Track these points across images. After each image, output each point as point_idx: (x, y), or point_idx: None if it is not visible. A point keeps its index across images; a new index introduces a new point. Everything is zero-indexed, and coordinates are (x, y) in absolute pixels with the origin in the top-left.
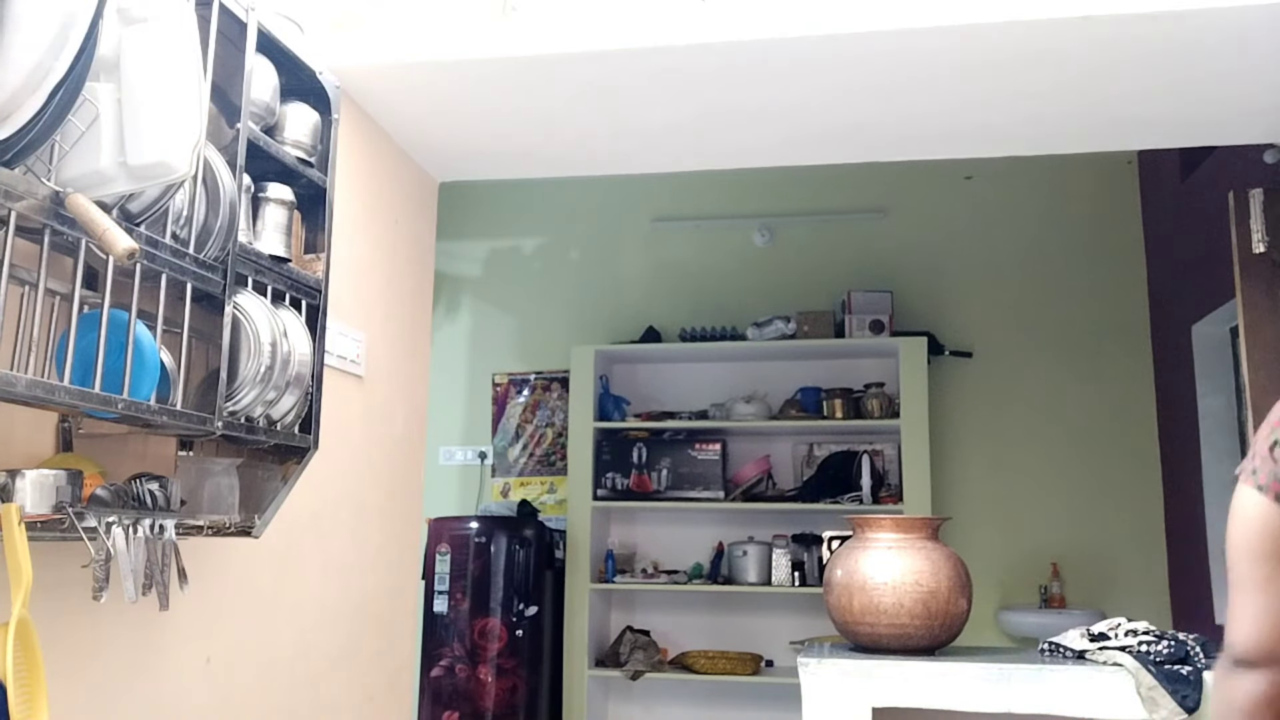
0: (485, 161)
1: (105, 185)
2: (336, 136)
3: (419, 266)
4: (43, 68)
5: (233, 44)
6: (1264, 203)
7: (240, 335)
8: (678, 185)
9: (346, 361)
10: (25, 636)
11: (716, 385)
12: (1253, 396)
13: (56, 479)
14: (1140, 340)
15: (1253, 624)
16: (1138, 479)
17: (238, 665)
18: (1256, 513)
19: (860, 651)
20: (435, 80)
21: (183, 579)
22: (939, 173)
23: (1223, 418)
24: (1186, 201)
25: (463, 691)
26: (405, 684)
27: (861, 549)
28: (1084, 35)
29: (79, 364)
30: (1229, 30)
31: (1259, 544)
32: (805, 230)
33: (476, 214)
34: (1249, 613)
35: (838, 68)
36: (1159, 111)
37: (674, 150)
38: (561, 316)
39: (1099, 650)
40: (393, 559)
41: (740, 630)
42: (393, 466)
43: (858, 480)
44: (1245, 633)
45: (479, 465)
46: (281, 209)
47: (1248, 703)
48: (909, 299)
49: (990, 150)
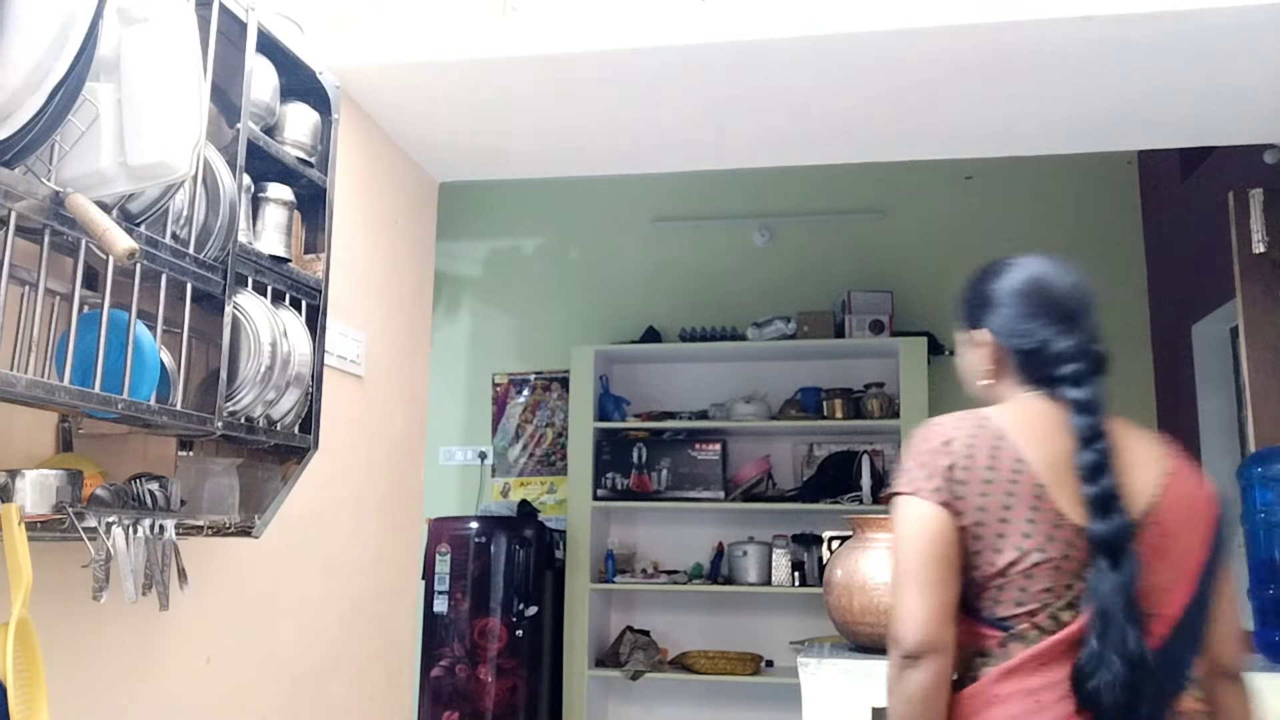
0: (485, 161)
1: (105, 185)
2: (336, 136)
3: (419, 266)
4: (43, 68)
5: (233, 44)
6: (1264, 203)
7: (240, 335)
8: (678, 185)
9: (346, 361)
10: (25, 636)
11: (716, 385)
12: (1253, 396)
13: (56, 479)
14: (1140, 340)
15: (922, 620)
16: None
17: (238, 665)
18: (933, 523)
19: (860, 651)
20: (435, 80)
21: (183, 579)
22: (939, 173)
23: (1223, 418)
24: (1186, 201)
25: (463, 691)
26: (405, 684)
27: (861, 549)
28: (1084, 35)
29: (79, 364)
30: (1229, 30)
31: (932, 549)
32: (805, 230)
33: (476, 214)
34: (919, 610)
35: (838, 68)
36: (1159, 111)
37: (674, 150)
38: (561, 316)
39: None
40: (393, 559)
41: (740, 630)
42: (393, 466)
43: (858, 480)
44: (915, 628)
45: (479, 465)
46: (281, 209)
47: (919, 691)
48: (909, 299)
49: (990, 150)
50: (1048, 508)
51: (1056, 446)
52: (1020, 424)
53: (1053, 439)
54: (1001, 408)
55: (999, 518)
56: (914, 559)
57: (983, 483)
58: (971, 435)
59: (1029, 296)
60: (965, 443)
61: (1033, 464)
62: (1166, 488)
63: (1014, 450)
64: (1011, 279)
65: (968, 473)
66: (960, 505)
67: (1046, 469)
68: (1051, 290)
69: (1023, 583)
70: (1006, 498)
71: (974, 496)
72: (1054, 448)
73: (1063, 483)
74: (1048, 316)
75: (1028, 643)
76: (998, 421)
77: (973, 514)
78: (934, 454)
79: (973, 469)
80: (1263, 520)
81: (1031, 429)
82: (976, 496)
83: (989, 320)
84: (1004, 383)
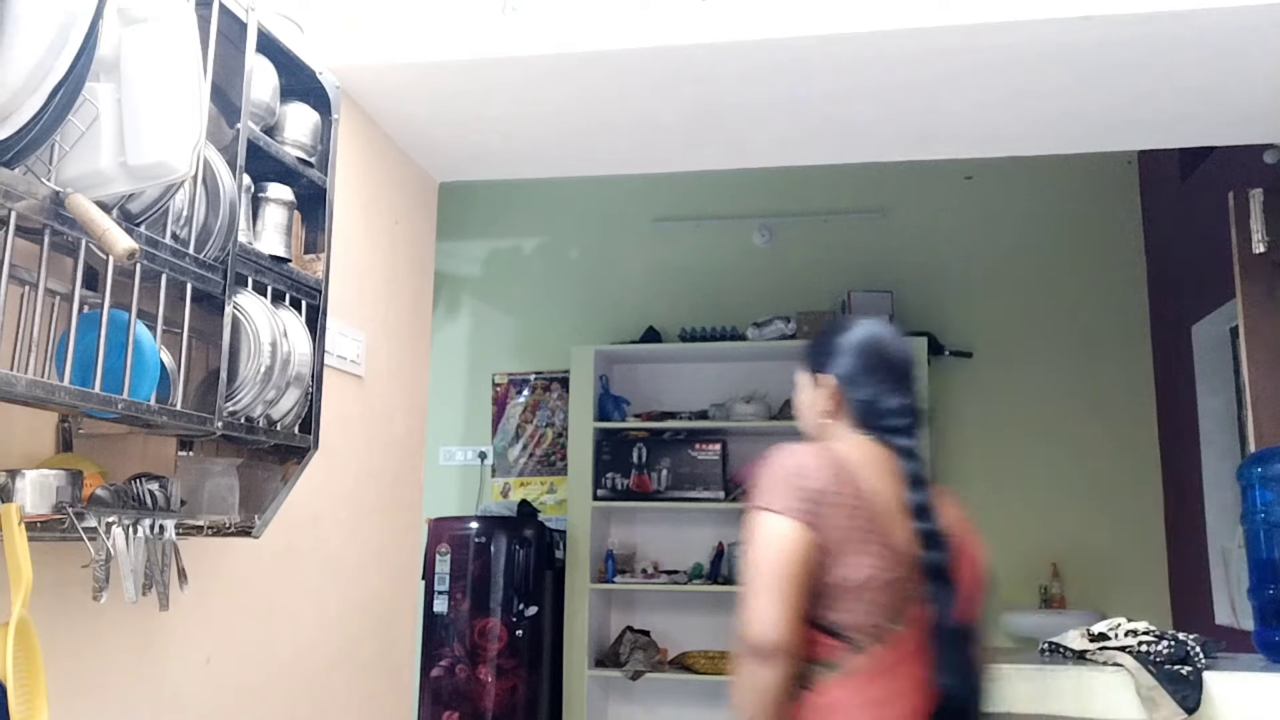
0: (485, 161)
1: (105, 185)
2: (336, 136)
3: (419, 266)
4: (43, 68)
5: (233, 44)
6: (1264, 203)
7: (240, 335)
8: (678, 185)
9: (346, 361)
10: (25, 636)
11: (716, 385)
12: (1253, 396)
13: (56, 479)
14: (1140, 340)
15: (776, 624)
16: (1138, 479)
17: (238, 665)
18: (791, 540)
19: None
20: (435, 80)
21: (183, 579)
22: (939, 173)
23: (1223, 418)
24: (1186, 201)
25: (463, 691)
26: (405, 684)
27: None
28: (1084, 35)
29: (79, 364)
30: (1229, 30)
31: (788, 562)
32: (805, 230)
33: (476, 214)
34: (774, 615)
35: (837, 68)
36: (1159, 111)
37: (674, 150)
38: (561, 316)
39: (1099, 650)
40: (393, 559)
41: None
42: (393, 466)
43: None
44: (769, 631)
45: (479, 465)
46: (281, 209)
47: (767, 688)
48: (909, 299)
49: (990, 150)
50: (882, 534)
51: (887, 483)
52: (860, 461)
53: (883, 476)
54: (843, 444)
55: (847, 538)
56: (773, 569)
57: (835, 507)
58: (826, 465)
59: (869, 354)
60: (821, 470)
61: (872, 495)
62: (959, 526)
63: (859, 481)
64: (856, 336)
65: (823, 495)
66: (818, 524)
67: (882, 501)
68: (887, 352)
69: (863, 596)
70: (853, 521)
71: (829, 518)
72: (885, 484)
73: (893, 514)
74: (883, 374)
75: (862, 653)
76: (844, 456)
77: (827, 533)
78: (800, 480)
79: (827, 493)
80: (1263, 520)
81: (870, 466)
82: (830, 518)
83: (833, 368)
84: (839, 423)
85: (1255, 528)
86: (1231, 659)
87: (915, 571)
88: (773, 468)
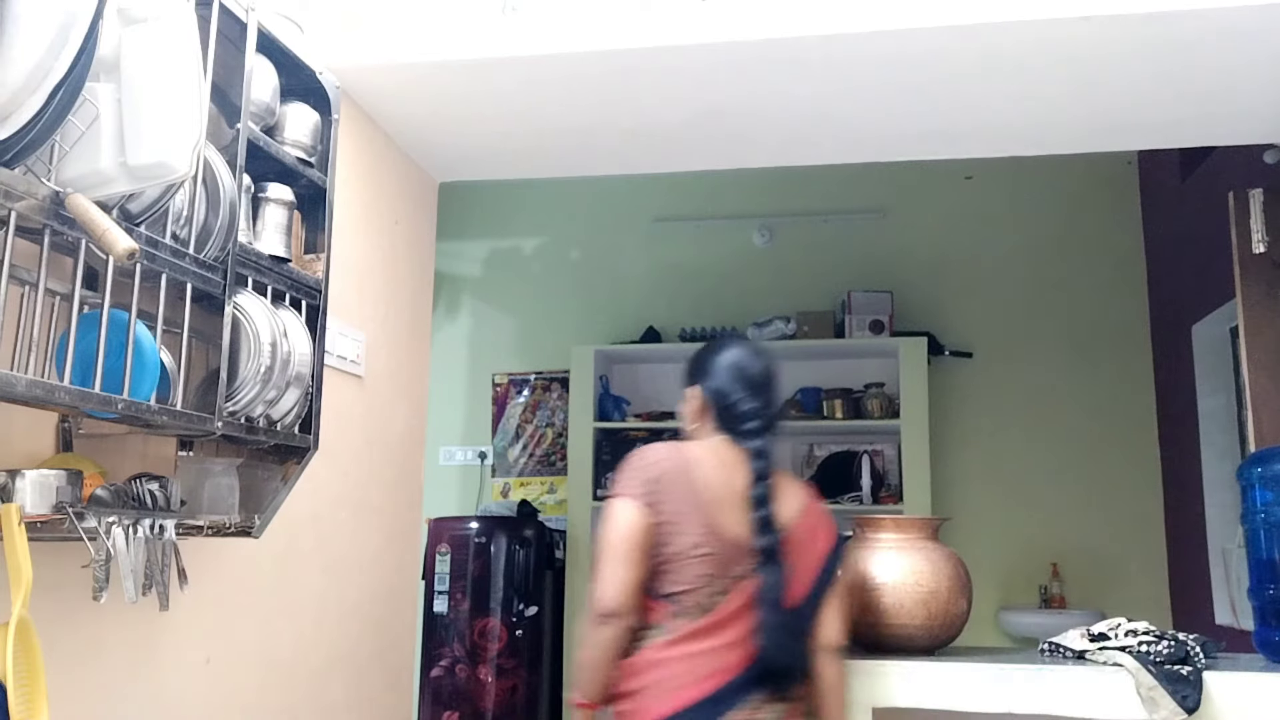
0: (485, 161)
1: (105, 185)
2: (336, 137)
3: (419, 266)
4: (43, 68)
5: (233, 44)
6: (1264, 203)
7: (240, 335)
8: (678, 185)
9: (346, 361)
10: (25, 636)
11: None
12: (1253, 396)
13: (56, 479)
14: (1140, 340)
15: (618, 589)
16: (1138, 479)
17: (238, 665)
18: (635, 519)
19: (860, 651)
20: (435, 80)
21: (183, 579)
22: (939, 173)
23: (1223, 418)
24: (1186, 201)
25: (463, 691)
26: (405, 684)
27: (861, 549)
28: (1084, 35)
29: (79, 364)
30: (1229, 30)
31: (632, 537)
32: (805, 230)
33: (476, 214)
34: (617, 581)
35: (837, 68)
36: (1159, 111)
37: (674, 150)
38: (561, 316)
39: (1099, 650)
40: (393, 559)
41: None
42: (393, 466)
43: (858, 480)
44: (613, 595)
45: (479, 465)
46: (281, 209)
47: (609, 644)
48: (909, 299)
49: (990, 150)
50: (712, 518)
51: (731, 477)
52: (706, 458)
53: (729, 472)
54: (699, 444)
55: (679, 519)
56: (618, 544)
57: (672, 493)
58: (671, 460)
59: (730, 370)
60: (665, 464)
61: (708, 486)
62: (800, 517)
63: (697, 474)
64: (721, 355)
65: (661, 484)
66: (656, 507)
67: (717, 491)
68: (746, 368)
69: (690, 569)
70: (686, 506)
71: (666, 502)
72: (729, 478)
73: (727, 503)
74: (741, 387)
75: (689, 618)
76: (692, 454)
77: (663, 514)
78: (643, 469)
79: (664, 482)
80: (1263, 520)
81: (715, 462)
82: (667, 502)
83: (702, 382)
84: (705, 428)
85: (1255, 528)
86: (1231, 659)
87: (746, 553)
88: (627, 463)
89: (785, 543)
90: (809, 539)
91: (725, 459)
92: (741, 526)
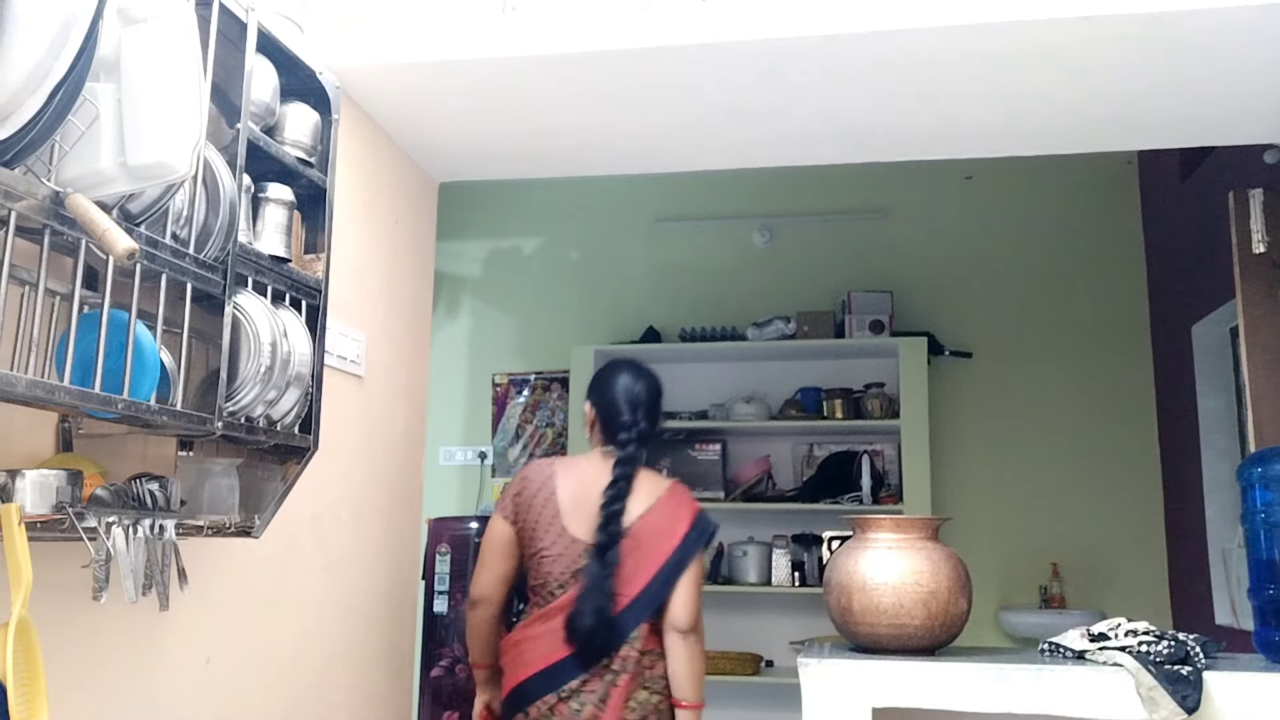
0: (485, 161)
1: (105, 185)
2: (336, 136)
3: (419, 266)
4: (43, 68)
5: (233, 44)
6: (1264, 203)
7: (240, 335)
8: (678, 185)
9: (346, 361)
10: (25, 636)
11: (716, 385)
12: (1253, 396)
13: (56, 479)
14: (1140, 340)
15: (485, 582)
16: (1138, 479)
17: (238, 665)
18: (498, 528)
19: (860, 651)
20: (435, 80)
21: (183, 579)
22: (939, 173)
23: (1223, 418)
24: (1186, 201)
25: (463, 691)
26: (405, 684)
27: (861, 549)
28: (1084, 35)
29: (79, 364)
30: (1229, 30)
31: (499, 543)
32: (805, 230)
33: (476, 214)
34: (484, 577)
35: (838, 68)
36: (1159, 111)
37: (674, 150)
38: (561, 316)
39: (1099, 650)
40: (393, 559)
41: (740, 630)
42: (393, 466)
43: (858, 480)
44: (481, 587)
45: (479, 465)
46: (281, 209)
47: (481, 623)
48: (909, 299)
49: (990, 150)
50: (561, 524)
51: (596, 483)
52: (571, 469)
53: (596, 479)
54: (572, 457)
55: (536, 526)
56: (485, 548)
57: (532, 505)
58: (536, 477)
59: (613, 388)
60: (529, 482)
61: (567, 496)
62: (646, 514)
63: (560, 485)
64: (611, 376)
65: (522, 498)
66: (518, 518)
67: (577, 498)
68: (630, 388)
69: (544, 565)
70: (541, 514)
71: (525, 512)
72: (593, 484)
73: (583, 508)
74: (621, 403)
75: (540, 606)
76: (556, 467)
77: (521, 523)
78: (512, 487)
79: (525, 496)
80: (1263, 520)
81: (580, 474)
82: (527, 512)
83: (593, 399)
84: (595, 439)
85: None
86: (1231, 659)
87: (585, 549)
88: (512, 482)
89: (630, 537)
90: (661, 529)
91: (596, 468)
92: (587, 527)
